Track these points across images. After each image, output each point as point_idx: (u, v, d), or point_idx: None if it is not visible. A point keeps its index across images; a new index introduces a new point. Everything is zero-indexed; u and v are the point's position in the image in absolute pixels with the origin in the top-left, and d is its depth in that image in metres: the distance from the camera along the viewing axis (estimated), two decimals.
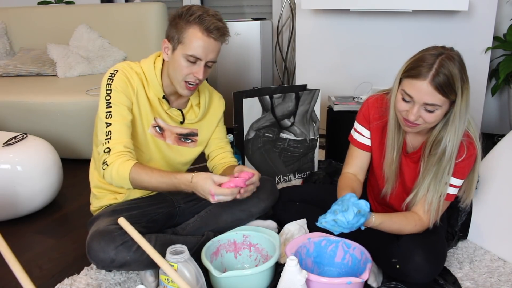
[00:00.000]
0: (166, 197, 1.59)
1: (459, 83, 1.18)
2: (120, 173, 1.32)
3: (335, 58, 2.78)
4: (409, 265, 1.28)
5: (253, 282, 1.33)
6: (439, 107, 1.21)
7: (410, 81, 1.21)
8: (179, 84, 1.41)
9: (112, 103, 1.38)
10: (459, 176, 1.33)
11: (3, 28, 3.26)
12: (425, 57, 1.21)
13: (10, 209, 1.87)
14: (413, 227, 1.34)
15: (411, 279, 1.30)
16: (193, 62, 1.37)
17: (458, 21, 2.44)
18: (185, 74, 1.38)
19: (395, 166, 1.42)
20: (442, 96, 1.19)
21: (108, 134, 1.36)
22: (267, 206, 1.62)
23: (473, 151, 1.30)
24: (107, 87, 1.39)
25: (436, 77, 1.17)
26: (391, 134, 1.39)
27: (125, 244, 1.28)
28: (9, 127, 2.48)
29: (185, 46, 1.35)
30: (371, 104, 1.46)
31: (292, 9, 3.21)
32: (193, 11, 1.35)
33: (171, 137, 1.53)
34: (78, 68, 2.95)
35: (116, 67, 1.43)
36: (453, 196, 1.37)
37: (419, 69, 1.19)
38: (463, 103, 1.22)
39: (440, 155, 1.30)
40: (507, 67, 2.39)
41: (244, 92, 2.11)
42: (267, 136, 2.13)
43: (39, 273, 1.53)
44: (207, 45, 1.35)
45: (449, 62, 1.18)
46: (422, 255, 1.28)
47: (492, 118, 2.86)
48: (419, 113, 1.23)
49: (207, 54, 1.36)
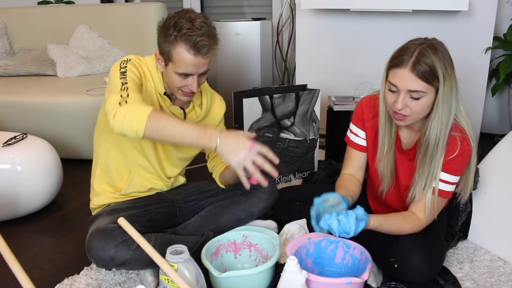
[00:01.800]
0: (165, 196, 1.59)
1: (440, 69, 1.20)
2: (138, 115, 1.19)
3: (335, 58, 2.78)
4: (408, 264, 1.29)
5: (253, 282, 1.33)
6: (423, 94, 1.22)
7: (393, 71, 1.25)
8: (177, 93, 1.42)
9: (127, 75, 1.32)
10: (454, 173, 1.32)
11: (3, 28, 3.26)
12: (406, 46, 1.25)
13: (10, 209, 1.87)
14: (411, 227, 1.35)
15: (410, 278, 1.30)
16: (186, 76, 1.36)
17: (458, 21, 2.44)
18: (179, 86, 1.38)
19: (389, 164, 1.42)
20: (424, 83, 1.21)
21: (125, 89, 1.26)
22: (267, 206, 1.62)
23: (467, 147, 1.30)
24: (122, 66, 1.35)
25: (416, 63, 1.20)
26: (382, 129, 1.40)
27: (125, 242, 1.29)
28: (9, 127, 2.48)
29: (174, 64, 1.33)
30: (364, 104, 1.48)
31: (292, 9, 3.21)
32: (180, 26, 1.29)
33: None
34: (78, 68, 2.95)
35: (129, 56, 1.41)
36: (450, 193, 1.36)
37: (401, 57, 1.23)
38: (446, 90, 1.22)
39: (426, 146, 1.31)
40: (507, 67, 2.39)
41: (244, 92, 2.11)
42: (267, 136, 2.13)
43: (39, 273, 1.53)
44: (195, 62, 1.32)
45: (429, 49, 1.21)
46: (420, 255, 1.28)
47: (492, 118, 2.86)
48: (405, 101, 1.24)
49: (197, 69, 1.35)
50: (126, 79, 1.31)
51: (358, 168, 1.53)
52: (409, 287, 1.33)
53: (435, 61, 1.20)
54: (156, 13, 2.93)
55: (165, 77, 1.43)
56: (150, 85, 1.44)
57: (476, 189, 1.65)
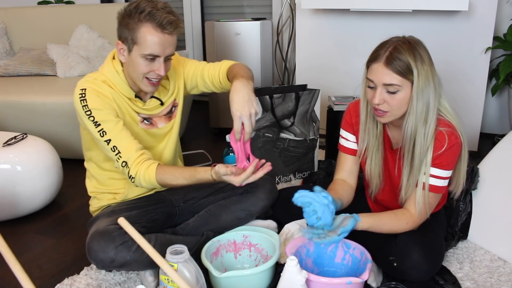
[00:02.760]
0: (165, 196, 1.59)
1: (413, 62, 1.23)
2: (147, 181, 1.36)
3: (335, 58, 2.78)
4: (407, 263, 1.29)
5: (253, 282, 1.33)
6: (399, 88, 1.24)
7: (370, 67, 1.29)
8: (141, 82, 1.39)
9: (98, 121, 1.36)
10: (444, 167, 1.32)
11: (3, 28, 3.26)
12: (383, 43, 1.30)
13: (10, 209, 1.87)
14: (405, 225, 1.34)
15: (409, 277, 1.30)
16: (152, 59, 1.34)
17: (458, 21, 2.44)
18: (145, 72, 1.36)
19: (377, 165, 1.43)
20: (398, 76, 1.23)
21: (115, 149, 1.36)
22: (266, 205, 1.62)
23: (456, 140, 1.29)
24: (84, 109, 1.35)
25: (390, 57, 1.23)
26: (362, 127, 1.42)
27: (125, 244, 1.29)
28: (9, 127, 2.48)
29: (140, 46, 1.32)
30: (352, 108, 1.50)
31: (292, 9, 3.21)
32: (142, 8, 1.30)
33: (161, 120, 1.54)
34: (78, 68, 2.95)
35: (81, 85, 1.38)
36: (443, 189, 1.35)
37: (377, 53, 1.28)
38: (420, 84, 1.24)
39: (408, 143, 1.32)
40: (507, 67, 2.39)
41: None
42: (267, 136, 2.13)
43: (39, 273, 1.54)
44: (162, 41, 1.32)
45: (403, 45, 1.25)
46: (420, 253, 1.29)
47: (492, 118, 2.86)
48: (382, 96, 1.27)
49: (164, 50, 1.34)
50: (101, 126, 1.35)
51: (349, 172, 1.53)
52: (409, 287, 1.34)
53: (408, 55, 1.23)
54: None
55: (128, 68, 1.39)
56: (116, 97, 1.41)
57: (476, 189, 1.65)
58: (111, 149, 1.37)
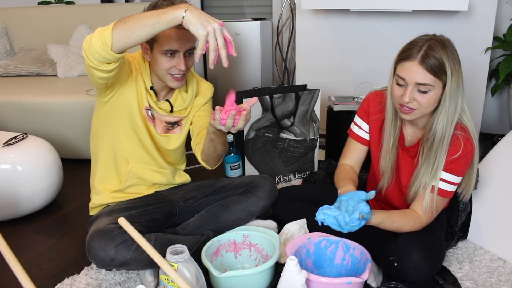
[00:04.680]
0: (164, 196, 1.59)
1: (448, 63, 1.22)
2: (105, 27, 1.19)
3: (335, 58, 2.78)
4: (407, 263, 1.29)
5: (253, 282, 1.33)
6: (431, 87, 1.24)
7: (402, 64, 1.27)
8: (166, 78, 1.42)
9: None
10: (456, 173, 1.33)
11: (3, 28, 3.26)
12: (415, 41, 1.27)
13: (10, 209, 1.87)
14: (412, 225, 1.35)
15: (409, 277, 1.30)
16: (172, 55, 1.38)
17: (458, 21, 2.44)
18: (167, 68, 1.39)
19: (391, 160, 1.43)
20: (432, 76, 1.22)
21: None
22: (266, 205, 1.62)
23: (470, 147, 1.30)
24: None
25: (425, 57, 1.22)
26: (388, 123, 1.41)
27: (125, 243, 1.29)
28: (9, 127, 2.48)
29: (159, 43, 1.36)
30: (371, 98, 1.49)
31: (292, 9, 3.21)
32: (160, 5, 1.33)
33: (160, 126, 1.54)
34: (78, 68, 2.95)
35: None
36: (451, 194, 1.36)
37: (410, 51, 1.25)
38: (453, 85, 1.24)
39: (432, 141, 1.31)
40: (507, 67, 2.39)
41: (244, 92, 2.11)
42: (267, 136, 2.13)
43: (39, 273, 1.54)
44: (179, 36, 1.35)
45: (437, 44, 1.24)
46: (420, 254, 1.29)
47: (492, 118, 2.87)
48: (412, 95, 1.26)
49: (182, 45, 1.37)
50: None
51: (356, 160, 1.53)
52: (409, 287, 1.34)
53: (443, 55, 1.22)
54: None
55: (153, 66, 1.44)
56: (139, 77, 1.46)
57: (476, 189, 1.65)
58: None
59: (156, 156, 1.55)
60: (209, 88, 1.65)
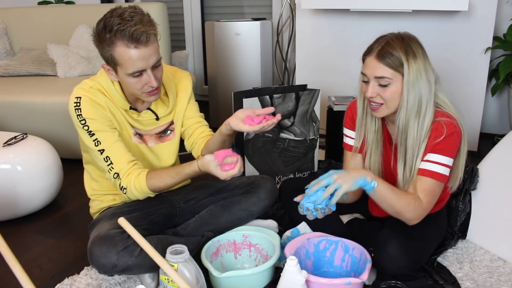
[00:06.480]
0: (165, 198, 1.59)
1: (404, 56, 1.26)
2: (139, 190, 1.37)
3: (335, 58, 2.78)
4: (383, 254, 1.31)
5: (253, 282, 1.33)
6: (390, 81, 1.28)
7: (364, 61, 1.33)
8: (141, 96, 1.36)
9: (93, 130, 1.35)
10: (444, 153, 1.30)
11: (3, 28, 3.26)
12: (377, 38, 1.33)
13: (10, 209, 1.87)
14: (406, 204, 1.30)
15: (385, 269, 1.33)
16: (140, 74, 1.29)
17: (458, 21, 2.44)
18: (139, 88, 1.32)
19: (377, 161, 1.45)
20: (389, 68, 1.27)
21: (107, 159, 1.36)
22: (267, 205, 1.62)
23: (455, 129, 1.30)
24: (79, 118, 1.35)
25: (380, 50, 1.27)
26: (359, 122, 1.45)
27: (127, 248, 1.28)
28: (9, 127, 2.48)
29: (122, 67, 1.27)
30: (352, 106, 1.54)
31: (292, 9, 3.21)
32: (110, 25, 1.22)
33: (151, 138, 1.52)
34: (78, 68, 2.95)
35: (77, 93, 1.37)
36: (444, 177, 1.32)
37: (371, 47, 1.32)
38: (411, 76, 1.27)
39: (399, 135, 1.34)
40: (507, 67, 2.39)
41: (244, 92, 2.11)
42: (267, 136, 2.13)
43: (39, 273, 1.54)
44: (141, 55, 1.25)
45: (395, 39, 1.29)
46: (397, 246, 1.30)
47: (492, 118, 2.86)
48: (374, 89, 1.30)
49: (147, 62, 1.27)
50: (95, 136, 1.35)
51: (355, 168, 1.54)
52: (409, 286, 1.34)
53: (399, 48, 1.26)
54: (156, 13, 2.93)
55: (123, 87, 1.38)
56: (111, 106, 1.39)
57: (476, 189, 1.65)
58: (104, 159, 1.36)
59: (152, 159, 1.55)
60: (187, 79, 1.58)
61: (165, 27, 2.88)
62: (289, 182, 1.72)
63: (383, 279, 1.38)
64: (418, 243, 1.37)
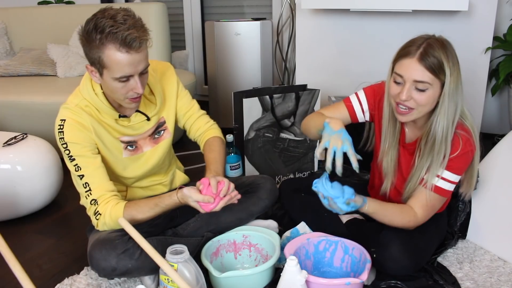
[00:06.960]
0: None
1: (447, 62, 1.22)
2: (114, 218, 1.32)
3: (335, 58, 2.78)
4: (386, 255, 1.31)
5: (253, 282, 1.33)
6: (429, 86, 1.23)
7: (400, 62, 1.26)
8: (123, 102, 1.33)
9: (73, 156, 1.33)
10: (454, 171, 1.32)
11: (3, 28, 3.26)
12: (414, 40, 1.27)
13: (10, 209, 1.87)
14: (406, 222, 1.35)
15: (387, 269, 1.33)
16: (126, 80, 1.25)
17: (458, 21, 2.44)
18: (124, 93, 1.27)
19: (393, 160, 1.43)
20: (430, 74, 1.21)
21: (86, 185, 1.34)
22: (267, 205, 1.62)
23: (470, 148, 1.30)
24: (61, 141, 1.33)
25: (424, 54, 1.21)
26: (385, 123, 1.40)
27: (127, 252, 1.28)
28: (9, 127, 2.48)
29: (110, 70, 1.22)
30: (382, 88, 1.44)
31: (292, 9, 3.21)
32: (101, 26, 1.18)
33: (146, 142, 1.49)
34: (78, 68, 2.95)
35: (62, 115, 1.34)
36: (448, 193, 1.35)
37: (409, 49, 1.25)
38: (452, 85, 1.23)
39: (432, 142, 1.30)
40: (507, 67, 2.39)
41: (244, 92, 2.11)
42: (267, 136, 2.13)
43: (39, 273, 1.54)
44: (131, 60, 1.21)
45: (437, 42, 1.24)
46: (399, 246, 1.30)
47: (492, 118, 2.86)
48: (410, 93, 1.25)
49: (136, 68, 1.23)
50: (76, 161, 1.33)
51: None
52: (409, 286, 1.34)
53: (442, 54, 1.21)
54: (156, 13, 2.92)
55: (105, 90, 1.33)
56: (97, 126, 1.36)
57: (476, 189, 1.65)
58: (83, 185, 1.34)
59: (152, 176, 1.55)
60: (169, 71, 1.53)
61: (165, 27, 2.88)
62: (289, 182, 1.72)
63: (383, 279, 1.38)
64: (420, 243, 1.37)
